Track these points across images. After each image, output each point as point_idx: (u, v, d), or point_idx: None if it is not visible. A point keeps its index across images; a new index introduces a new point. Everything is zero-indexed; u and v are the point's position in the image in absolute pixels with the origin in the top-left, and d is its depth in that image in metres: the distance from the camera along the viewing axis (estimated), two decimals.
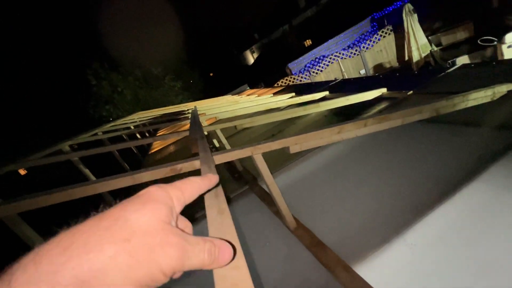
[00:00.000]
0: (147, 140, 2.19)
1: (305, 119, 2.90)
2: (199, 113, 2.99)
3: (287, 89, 5.47)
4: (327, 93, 3.07)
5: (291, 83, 9.54)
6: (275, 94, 5.04)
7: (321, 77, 9.67)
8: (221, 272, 0.24)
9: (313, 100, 2.86)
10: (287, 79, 9.87)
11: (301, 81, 9.65)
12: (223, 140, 1.96)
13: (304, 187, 1.44)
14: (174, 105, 9.03)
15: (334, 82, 3.87)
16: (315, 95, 2.93)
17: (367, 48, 9.47)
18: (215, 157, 0.80)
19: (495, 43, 5.11)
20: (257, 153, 0.93)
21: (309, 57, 9.86)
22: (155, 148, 5.25)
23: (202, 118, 2.53)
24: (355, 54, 9.56)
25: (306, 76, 9.74)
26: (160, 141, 5.48)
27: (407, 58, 7.88)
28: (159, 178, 0.89)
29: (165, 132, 5.79)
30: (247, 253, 1.12)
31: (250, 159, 1.00)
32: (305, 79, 9.74)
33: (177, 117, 3.51)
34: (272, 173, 1.68)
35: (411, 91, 2.04)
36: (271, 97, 4.07)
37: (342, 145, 1.70)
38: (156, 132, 7.03)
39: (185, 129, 1.97)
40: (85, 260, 0.22)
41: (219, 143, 2.41)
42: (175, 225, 0.29)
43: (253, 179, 1.69)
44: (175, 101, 17.37)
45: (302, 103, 2.87)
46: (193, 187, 0.33)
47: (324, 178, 1.45)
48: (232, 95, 8.49)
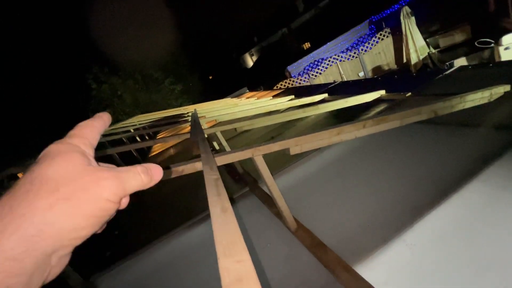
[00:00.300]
0: (148, 142, 2.20)
1: (304, 121, 2.92)
2: (199, 116, 3.00)
3: (286, 92, 5.49)
4: (326, 95, 3.08)
5: (290, 86, 9.58)
6: (274, 96, 5.07)
7: (320, 80, 9.72)
8: (226, 265, 0.25)
9: (312, 102, 2.88)
10: (286, 82, 9.92)
11: (300, 84, 9.69)
12: (223, 142, 1.97)
13: (304, 188, 1.44)
14: (174, 108, 9.05)
15: (333, 84, 3.89)
16: (314, 97, 2.94)
17: (366, 50, 9.53)
18: (217, 159, 0.81)
19: (492, 45, 5.15)
20: (258, 155, 0.94)
21: (308, 60, 9.91)
22: (156, 151, 5.26)
23: (202, 120, 2.54)
24: (353, 56, 9.62)
25: (305, 78, 9.79)
26: (160, 143, 5.49)
27: (405, 60, 7.93)
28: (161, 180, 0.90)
29: (165, 135, 5.80)
30: (249, 253, 1.12)
31: (250, 161, 1.01)
32: (304, 82, 9.79)
33: (177, 120, 3.53)
34: (272, 175, 1.69)
35: (410, 93, 2.06)
36: (270, 100, 4.09)
37: (341, 146, 1.71)
38: (156, 135, 7.05)
39: (186, 132, 1.98)
40: (23, 221, 0.21)
41: (219, 145, 2.42)
42: (96, 165, 0.28)
43: (254, 181, 1.69)
44: (175, 104, 17.40)
45: (301, 106, 2.89)
46: (89, 129, 0.31)
47: (324, 179, 1.46)
48: (231, 98, 8.52)
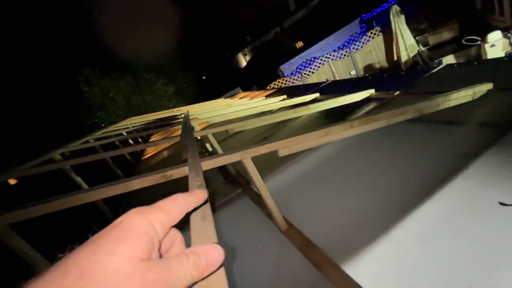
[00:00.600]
0: (140, 146, 2.19)
1: (297, 121, 2.94)
2: (192, 118, 3.00)
3: (279, 92, 5.51)
4: (317, 95, 3.12)
5: (283, 85, 9.61)
6: (267, 96, 5.08)
7: (312, 79, 9.78)
8: (196, 240, 0.26)
9: (303, 102, 2.91)
10: (279, 81, 9.95)
11: (293, 83, 9.74)
12: (215, 144, 1.97)
13: (295, 188, 1.46)
14: (167, 109, 9.00)
15: (324, 84, 3.93)
16: (306, 97, 2.97)
17: (357, 49, 9.63)
18: (204, 163, 0.82)
19: (479, 42, 5.27)
20: (246, 158, 0.95)
21: (300, 59, 9.96)
22: (149, 153, 5.22)
23: (194, 122, 2.54)
24: (345, 55, 9.71)
25: (298, 78, 9.84)
26: (153, 147, 5.45)
27: (395, 58, 8.04)
28: (150, 185, 0.90)
29: (158, 137, 5.76)
30: (241, 255, 1.14)
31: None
32: (297, 81, 9.84)
33: (170, 122, 3.51)
34: (263, 176, 1.70)
35: (398, 92, 2.10)
36: (263, 100, 4.11)
37: (331, 146, 1.73)
38: (149, 137, 6.99)
39: (177, 135, 1.98)
40: None
41: (212, 147, 2.43)
42: (157, 254, 0.27)
43: (246, 183, 1.71)
44: (168, 106, 17.28)
45: (293, 106, 2.91)
46: (178, 206, 0.30)
47: (314, 179, 1.48)
48: (225, 99, 8.51)
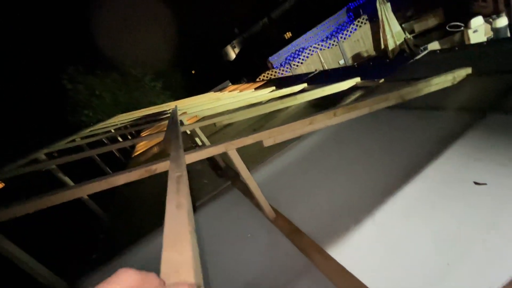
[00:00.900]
0: (127, 142, 2.16)
1: (286, 112, 2.95)
2: (181, 112, 2.96)
3: (268, 83, 5.49)
4: (305, 85, 3.12)
5: (272, 77, 9.57)
6: (256, 89, 5.06)
7: (302, 69, 9.76)
8: (167, 257, 0.27)
9: (292, 93, 2.91)
10: (268, 73, 9.88)
11: (282, 74, 9.70)
12: (203, 138, 1.97)
13: (283, 179, 1.48)
14: (156, 105, 8.84)
15: (312, 74, 3.93)
16: (294, 88, 2.97)
17: (345, 38, 9.63)
18: (188, 156, 0.82)
19: (462, 28, 5.35)
20: (231, 149, 0.95)
21: (289, 50, 9.90)
22: (139, 150, 5.15)
23: (183, 117, 2.52)
24: (333, 44, 9.70)
25: (287, 69, 9.80)
26: (141, 143, 5.38)
27: (383, 46, 8.09)
28: (135, 179, 0.90)
29: (148, 133, 5.68)
30: (231, 245, 1.16)
31: None
32: (287, 72, 9.80)
33: (158, 117, 3.47)
34: (252, 168, 1.72)
35: (382, 79, 2.13)
36: (252, 92, 4.09)
37: (317, 136, 1.76)
38: (138, 134, 6.89)
39: (165, 130, 1.96)
40: None
41: (201, 141, 2.42)
42: None
43: (236, 175, 1.72)
44: (157, 102, 16.97)
45: (281, 97, 2.91)
46: None
47: (301, 169, 1.50)
48: (214, 92, 8.42)
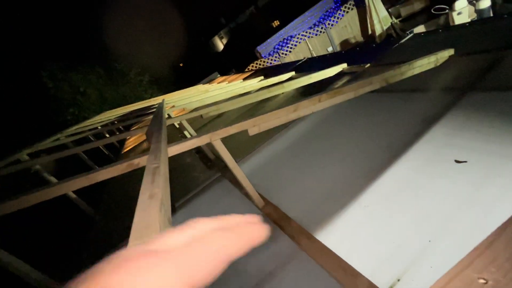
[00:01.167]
0: (112, 138, 2.11)
1: (274, 101, 2.93)
2: (169, 106, 2.90)
3: (257, 73, 5.43)
4: (293, 73, 3.10)
5: (261, 67, 9.46)
6: (245, 79, 5.00)
7: (290, 58, 9.67)
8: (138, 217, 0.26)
9: (280, 81, 2.89)
10: (257, 63, 9.77)
11: (271, 64, 9.60)
12: (191, 130, 1.94)
13: (271, 167, 1.48)
14: (144, 100, 8.64)
15: (300, 62, 3.91)
16: (282, 76, 2.95)
17: (332, 25, 9.55)
18: (171, 148, 0.80)
19: (447, 11, 5.38)
20: (216, 139, 0.94)
21: (277, 39, 9.76)
22: (129, 146, 5.07)
23: (170, 110, 2.47)
24: (321, 32, 9.62)
25: (276, 58, 9.69)
26: (131, 138, 5.29)
27: (370, 31, 8.09)
28: (118, 174, 0.88)
29: (135, 128, 5.58)
30: None
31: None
32: (275, 61, 9.70)
33: (145, 112, 3.40)
34: (241, 158, 1.71)
35: (368, 64, 2.13)
36: (241, 83, 4.04)
37: (304, 123, 1.76)
38: (127, 129, 6.76)
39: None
40: None
41: (191, 134, 2.39)
42: None
43: (225, 166, 1.71)
44: (145, 96, 16.60)
45: (270, 86, 2.89)
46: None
47: (289, 156, 1.50)
48: (203, 84, 8.29)
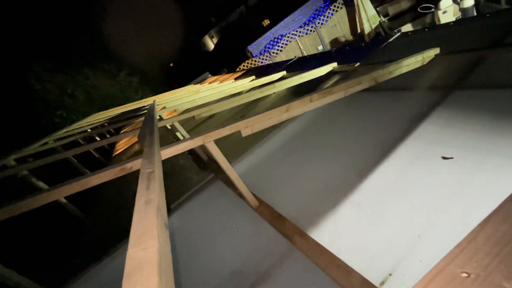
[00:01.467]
0: (102, 142, 2.08)
1: (267, 100, 2.95)
2: (160, 107, 2.88)
3: (248, 73, 5.43)
4: (284, 73, 3.12)
5: (253, 66, 9.46)
6: (236, 79, 4.99)
7: (281, 57, 9.70)
8: (132, 255, 0.26)
9: (271, 81, 2.90)
10: (248, 63, 9.76)
11: (262, 63, 9.61)
12: (183, 132, 1.93)
13: (266, 167, 1.50)
14: (135, 101, 8.52)
15: (291, 61, 3.93)
16: (273, 76, 2.96)
17: (322, 24, 9.64)
18: (164, 152, 0.80)
19: (433, 9, 5.51)
20: (209, 141, 0.94)
21: (267, 38, 9.78)
22: (120, 149, 4.99)
23: (161, 112, 2.45)
24: (311, 31, 9.69)
25: (267, 57, 9.71)
26: (122, 141, 5.21)
27: (359, 30, 8.19)
28: (110, 179, 0.87)
29: (127, 130, 5.50)
30: (217, 236, 1.17)
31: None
32: (266, 61, 9.71)
33: (136, 114, 3.35)
34: (235, 159, 1.71)
35: (358, 63, 2.16)
36: (232, 83, 4.03)
37: (296, 123, 1.78)
38: (117, 132, 6.65)
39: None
40: None
41: (183, 136, 2.37)
42: None
43: (219, 167, 1.71)
44: (135, 97, 16.36)
45: (261, 85, 2.90)
46: None
47: (282, 156, 1.52)
48: (194, 85, 8.23)
